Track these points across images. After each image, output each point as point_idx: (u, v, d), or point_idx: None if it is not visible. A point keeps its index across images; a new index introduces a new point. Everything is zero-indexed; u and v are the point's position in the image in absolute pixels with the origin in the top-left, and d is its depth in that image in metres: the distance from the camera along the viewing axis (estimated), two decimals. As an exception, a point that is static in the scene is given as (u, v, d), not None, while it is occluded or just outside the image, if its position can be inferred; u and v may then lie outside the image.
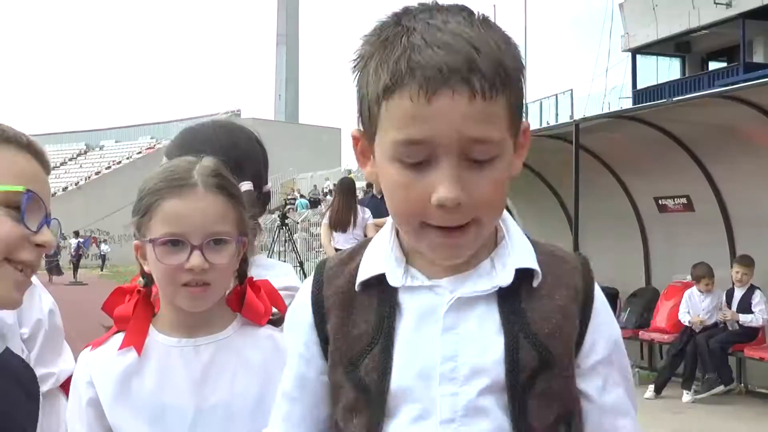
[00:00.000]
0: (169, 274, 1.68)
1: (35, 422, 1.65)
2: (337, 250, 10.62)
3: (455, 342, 1.34)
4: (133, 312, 1.77)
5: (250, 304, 1.80)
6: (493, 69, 1.23)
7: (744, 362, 9.28)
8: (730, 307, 9.06)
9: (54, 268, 33.02)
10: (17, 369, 1.68)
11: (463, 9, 1.29)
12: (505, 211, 1.42)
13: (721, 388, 8.82)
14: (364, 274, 1.41)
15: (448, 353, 1.34)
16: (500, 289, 1.36)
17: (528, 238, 1.45)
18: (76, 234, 39.08)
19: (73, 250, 37.20)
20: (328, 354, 1.43)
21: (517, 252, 1.39)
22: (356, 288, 1.41)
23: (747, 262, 8.92)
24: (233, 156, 1.86)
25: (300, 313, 1.48)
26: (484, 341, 1.34)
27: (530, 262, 1.38)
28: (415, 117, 1.23)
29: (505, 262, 1.37)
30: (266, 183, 2.25)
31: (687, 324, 9.34)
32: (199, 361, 1.74)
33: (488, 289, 1.35)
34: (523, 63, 1.32)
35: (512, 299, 1.36)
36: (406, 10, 1.30)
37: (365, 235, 10.67)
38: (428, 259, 1.36)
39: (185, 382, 1.72)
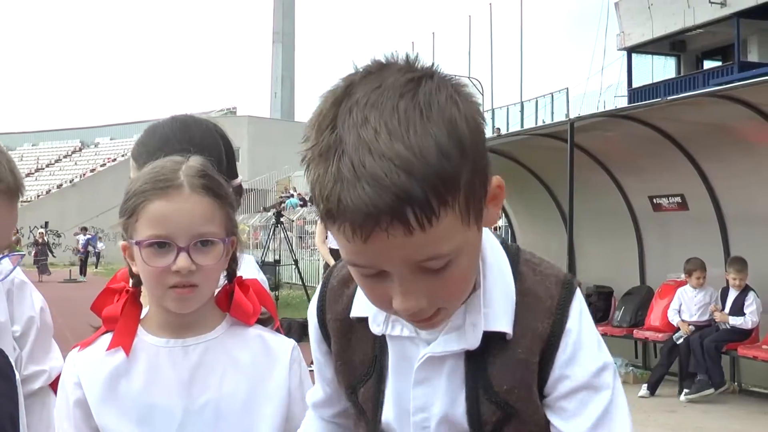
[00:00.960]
0: (156, 276, 1.67)
1: (17, 405, 1.64)
2: (330, 249, 10.64)
3: (425, 395, 1.39)
4: (121, 312, 1.76)
5: (239, 303, 1.79)
6: (429, 190, 1.11)
7: (737, 361, 9.30)
8: (723, 308, 9.08)
9: (42, 267, 32.73)
10: None
11: (404, 93, 1.15)
12: (486, 238, 1.37)
13: (711, 390, 8.83)
14: (355, 309, 1.44)
15: (420, 405, 1.40)
16: None
17: (514, 257, 1.40)
18: (84, 230, 37.60)
19: (81, 246, 36.21)
20: (334, 371, 1.51)
21: (490, 308, 1.34)
22: (352, 318, 1.45)
23: (740, 266, 8.90)
24: (190, 152, 1.85)
25: (311, 321, 1.53)
26: (452, 394, 1.38)
27: (502, 323, 1.34)
28: (354, 251, 1.18)
29: (476, 321, 1.34)
30: (235, 176, 2.20)
31: (675, 325, 9.35)
32: (187, 362, 1.73)
33: (456, 350, 1.36)
34: (478, 126, 1.20)
35: (478, 356, 1.36)
36: (347, 93, 1.18)
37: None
38: None
39: (174, 383, 1.72)
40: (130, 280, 1.80)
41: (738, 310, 8.91)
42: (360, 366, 1.45)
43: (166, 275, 1.66)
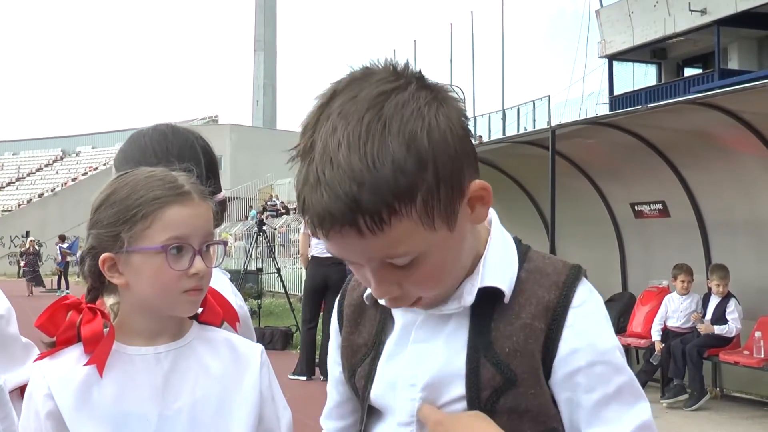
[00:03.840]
0: (174, 280, 1.70)
1: None
2: (312, 257, 10.61)
3: (419, 353, 1.42)
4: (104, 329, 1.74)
5: (212, 308, 1.84)
6: (378, 201, 1.21)
7: (719, 366, 9.34)
8: (705, 314, 9.11)
9: (34, 279, 32.12)
10: None
11: (372, 105, 1.23)
12: (494, 221, 1.46)
13: (685, 396, 8.86)
14: (368, 290, 1.49)
15: (412, 362, 1.42)
16: (473, 307, 1.39)
17: (524, 247, 1.45)
18: (62, 238, 35.63)
19: (59, 255, 34.69)
20: (341, 357, 1.56)
21: (489, 271, 1.39)
22: (365, 300, 1.51)
23: (722, 273, 8.93)
24: (168, 165, 1.86)
25: (334, 314, 1.61)
26: (449, 355, 1.39)
27: (498, 280, 1.38)
28: (325, 242, 1.30)
29: (474, 283, 1.39)
30: (218, 191, 2.17)
31: (657, 338, 9.38)
32: (160, 369, 1.74)
33: (454, 309, 1.39)
34: (445, 136, 1.26)
35: (482, 317, 1.39)
36: (329, 99, 1.27)
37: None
38: None
39: (147, 390, 1.72)
40: (86, 296, 1.79)
41: (720, 316, 8.94)
42: (363, 347, 1.51)
43: (183, 279, 1.70)
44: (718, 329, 8.87)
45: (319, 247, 10.58)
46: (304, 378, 10.54)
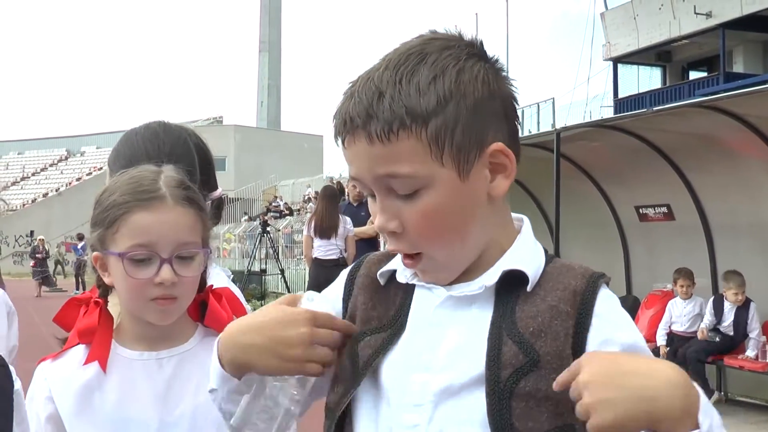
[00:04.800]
0: (138, 288, 1.66)
1: (11, 422, 1.62)
2: (315, 258, 10.59)
3: (437, 335, 1.40)
4: (98, 324, 1.74)
5: (214, 313, 1.79)
6: (393, 112, 1.31)
7: (724, 371, 9.32)
8: (719, 321, 9.03)
9: (44, 279, 31.91)
10: None
11: (420, 44, 1.38)
12: (526, 225, 1.50)
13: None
14: (388, 266, 1.51)
15: (429, 344, 1.40)
16: (497, 291, 1.39)
17: (549, 254, 1.46)
18: (81, 238, 33.99)
19: (77, 256, 33.75)
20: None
21: (515, 256, 1.41)
22: (378, 278, 1.51)
23: (740, 281, 8.78)
24: (160, 162, 1.84)
25: (341, 277, 1.60)
26: (470, 336, 1.38)
27: (524, 265, 1.39)
28: (344, 158, 1.40)
29: (499, 266, 1.41)
30: (214, 188, 2.17)
31: (663, 343, 9.35)
32: (162, 375, 1.72)
33: (476, 290, 1.40)
34: (473, 84, 1.35)
35: (506, 302, 1.39)
36: (393, 51, 1.41)
37: (345, 247, 10.61)
38: None
39: (148, 396, 1.70)
40: (97, 291, 1.78)
41: (740, 325, 8.81)
42: (375, 319, 1.48)
43: (149, 287, 1.65)
44: (750, 352, 8.69)
45: (321, 249, 10.56)
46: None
